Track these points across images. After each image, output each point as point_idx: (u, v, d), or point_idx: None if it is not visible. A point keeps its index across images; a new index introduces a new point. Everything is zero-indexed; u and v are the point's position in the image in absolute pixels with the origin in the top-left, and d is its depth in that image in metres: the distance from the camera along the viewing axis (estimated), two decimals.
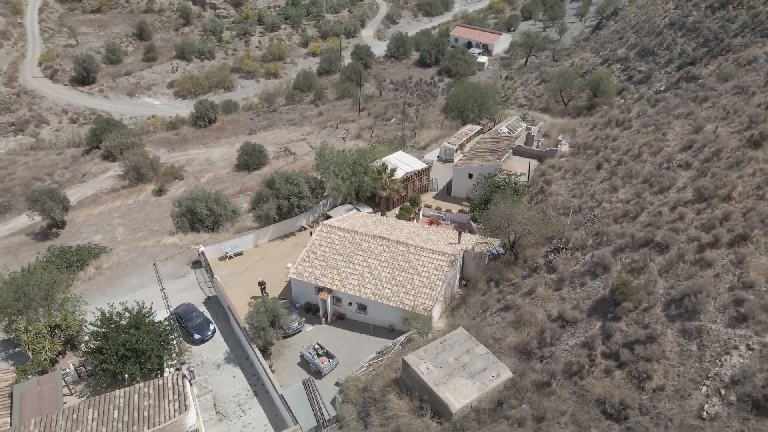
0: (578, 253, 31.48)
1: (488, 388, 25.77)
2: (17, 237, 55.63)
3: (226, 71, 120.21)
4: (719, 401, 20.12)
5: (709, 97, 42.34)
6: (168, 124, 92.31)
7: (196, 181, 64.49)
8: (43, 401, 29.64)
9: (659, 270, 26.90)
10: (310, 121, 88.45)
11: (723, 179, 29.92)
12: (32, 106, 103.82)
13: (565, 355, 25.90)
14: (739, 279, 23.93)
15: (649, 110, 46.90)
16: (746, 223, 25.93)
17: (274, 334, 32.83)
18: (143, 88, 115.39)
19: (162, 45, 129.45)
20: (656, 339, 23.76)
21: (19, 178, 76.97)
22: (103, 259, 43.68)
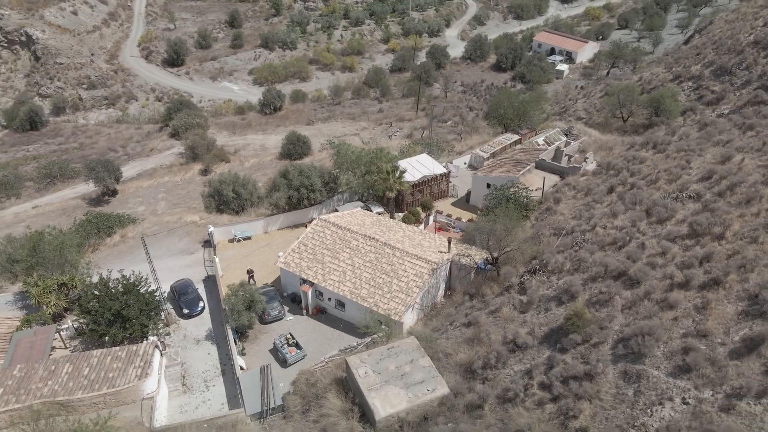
0: (554, 277, 29.94)
1: (420, 401, 25.34)
2: (75, 200, 61.08)
3: (304, 62, 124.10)
4: None
5: (755, 125, 38.46)
6: (237, 108, 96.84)
7: (241, 165, 67.48)
8: (34, 350, 32.60)
9: (623, 305, 25.17)
10: (368, 117, 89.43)
11: (722, 216, 27.29)
12: (125, 83, 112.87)
13: (506, 380, 24.97)
14: (696, 326, 21.96)
15: (693, 134, 43.26)
16: (725, 266, 23.62)
17: (248, 318, 33.99)
18: (226, 73, 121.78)
19: (249, 33, 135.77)
20: (594, 377, 22.38)
21: (98, 148, 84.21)
22: (129, 229, 47.04)
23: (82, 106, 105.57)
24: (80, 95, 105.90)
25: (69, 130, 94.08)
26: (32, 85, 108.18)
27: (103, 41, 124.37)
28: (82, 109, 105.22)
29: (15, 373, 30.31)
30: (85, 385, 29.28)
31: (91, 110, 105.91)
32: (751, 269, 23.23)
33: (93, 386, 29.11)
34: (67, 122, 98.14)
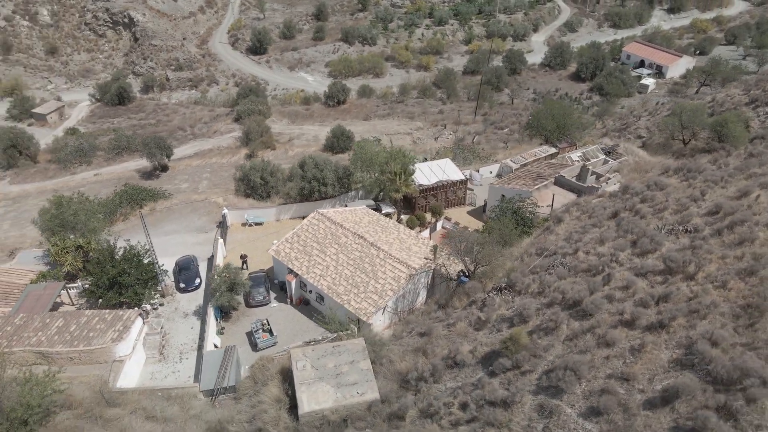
0: (518, 298, 28.69)
1: (346, 402, 25.45)
2: (131, 172, 66.04)
3: (380, 58, 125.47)
4: None
5: None
6: (303, 99, 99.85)
7: (284, 153, 69.70)
8: (39, 302, 35.91)
9: (566, 336, 23.81)
10: (427, 117, 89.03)
11: (702, 255, 24.94)
12: (209, 67, 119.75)
13: (432, 396, 24.47)
14: (623, 368, 20.45)
15: (732, 162, 39.42)
16: (677, 310, 21.72)
17: (228, 298, 35.42)
18: (303, 64, 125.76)
19: (333, 27, 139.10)
20: (511, 406, 21.50)
21: (170, 126, 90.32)
22: (159, 203, 50.22)
23: (168, 86, 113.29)
24: (167, 76, 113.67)
25: (151, 107, 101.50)
26: (129, 64, 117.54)
27: (197, 27, 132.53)
28: (168, 89, 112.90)
29: (16, 321, 33.60)
30: (67, 340, 31.92)
31: (175, 90, 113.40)
32: (703, 316, 21.15)
33: (72, 342, 31.67)
34: (151, 100, 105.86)
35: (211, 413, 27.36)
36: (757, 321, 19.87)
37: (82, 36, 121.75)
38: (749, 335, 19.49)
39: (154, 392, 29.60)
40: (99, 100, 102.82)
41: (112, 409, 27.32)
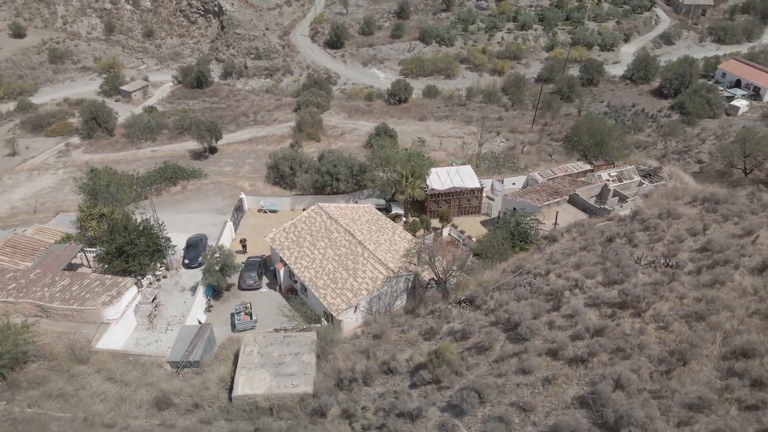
0: (474, 313, 27.88)
1: (279, 391, 26.11)
2: (183, 152, 70.28)
3: (453, 59, 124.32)
4: None
5: None
6: (367, 95, 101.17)
7: (327, 146, 71.11)
8: (56, 261, 39.39)
9: (495, 358, 23.08)
10: (484, 122, 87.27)
11: (661, 293, 23.19)
12: (287, 58, 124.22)
13: (356, 398, 24.57)
14: (528, 397, 19.64)
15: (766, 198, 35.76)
16: (603, 346, 20.48)
17: (217, 278, 37.07)
18: (377, 60, 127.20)
19: (412, 26, 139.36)
20: (416, 419, 21.32)
21: (236, 111, 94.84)
22: (191, 182, 53.20)
23: (245, 73, 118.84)
24: (246, 63, 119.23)
25: (225, 92, 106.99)
26: (213, 50, 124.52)
27: (281, 18, 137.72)
28: (245, 76, 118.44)
29: (31, 276, 37.12)
30: (65, 299, 34.85)
31: (252, 78, 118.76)
32: (627, 356, 19.76)
33: (69, 301, 34.54)
34: (226, 85, 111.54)
35: (166, 383, 28.89)
36: (675, 368, 18.27)
37: (176, 22, 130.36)
38: (662, 382, 17.98)
39: (126, 356, 31.70)
40: (180, 83, 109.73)
41: (79, 366, 29.63)
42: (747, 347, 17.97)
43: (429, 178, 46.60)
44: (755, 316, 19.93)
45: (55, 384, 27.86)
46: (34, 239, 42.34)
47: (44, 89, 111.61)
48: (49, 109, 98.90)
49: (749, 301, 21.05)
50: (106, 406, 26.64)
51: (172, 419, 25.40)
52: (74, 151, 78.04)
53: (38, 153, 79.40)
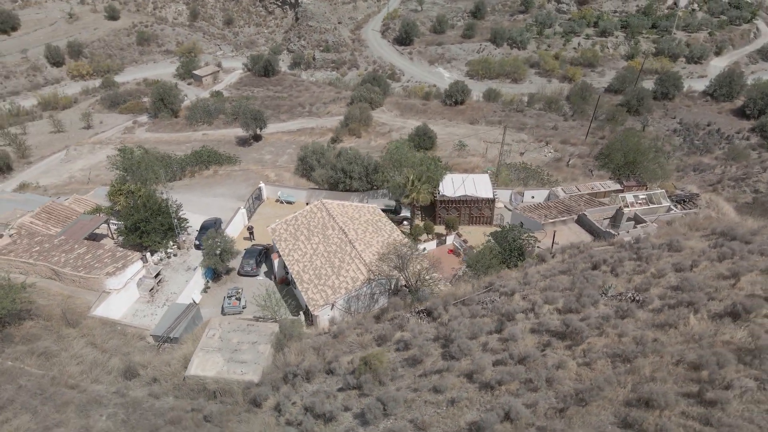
0: (426, 325, 27.67)
1: (226, 376, 27.38)
2: (230, 137, 73.56)
3: (522, 63, 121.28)
4: None
5: None
6: (424, 93, 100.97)
7: (367, 143, 71.85)
8: (81, 230, 42.80)
9: (423, 372, 23.05)
10: (536, 131, 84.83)
11: (604, 328, 22.14)
12: (354, 52, 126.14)
13: (292, 394, 25.28)
14: (428, 416, 19.62)
15: None
16: (518, 374, 20.03)
17: (215, 262, 38.91)
18: (445, 59, 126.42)
19: (485, 26, 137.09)
20: (328, 422, 21.88)
21: (294, 101, 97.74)
22: (223, 168, 55.77)
23: (313, 65, 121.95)
24: (314, 55, 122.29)
25: (289, 82, 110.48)
26: (286, 41, 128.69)
27: (355, 12, 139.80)
28: (312, 67, 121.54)
29: (55, 241, 40.64)
30: (76, 265, 37.92)
31: (318, 69, 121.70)
32: (535, 389, 19.11)
33: (78, 268, 37.55)
34: (292, 75, 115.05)
35: (139, 355, 30.88)
36: (571, 408, 17.53)
37: (255, 11, 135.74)
38: (553, 421, 17.30)
39: (114, 325, 34.11)
40: (249, 70, 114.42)
41: (69, 329, 32.27)
42: (649, 397, 16.89)
43: (442, 184, 46.24)
44: (680, 365, 18.63)
45: (43, 343, 30.53)
46: (68, 208, 46.19)
47: (129, 69, 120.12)
48: (128, 87, 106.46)
49: (685, 349, 19.65)
50: (79, 369, 28.90)
51: (128, 389, 27.22)
52: (138, 129, 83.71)
53: (108, 128, 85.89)
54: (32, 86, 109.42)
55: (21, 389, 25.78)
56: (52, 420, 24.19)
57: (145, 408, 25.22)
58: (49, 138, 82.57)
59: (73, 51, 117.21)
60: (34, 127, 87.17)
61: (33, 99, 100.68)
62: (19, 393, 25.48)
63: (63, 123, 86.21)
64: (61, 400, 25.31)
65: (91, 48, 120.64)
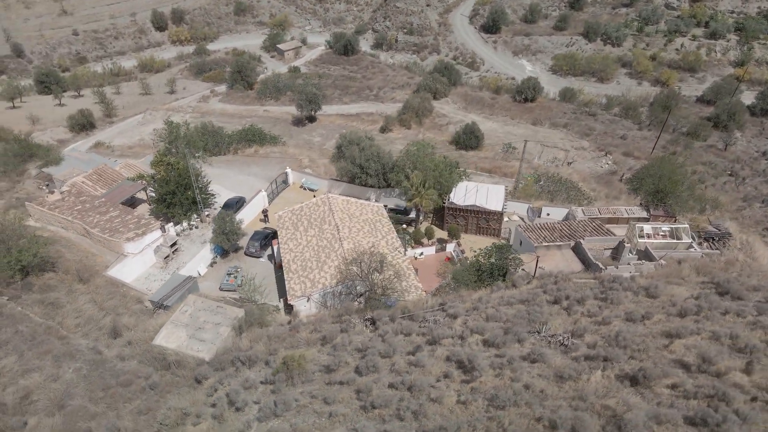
0: (371, 332, 29.04)
1: (185, 350, 30.62)
2: (288, 115, 77.00)
3: (611, 62, 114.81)
4: None
5: None
6: (495, 87, 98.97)
7: (415, 135, 72.34)
8: (119, 194, 47.84)
9: (332, 380, 24.75)
10: (602, 139, 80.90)
11: (508, 368, 22.58)
12: (438, 37, 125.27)
13: (228, 378, 27.81)
14: (297, 426, 21.40)
15: None
16: (390, 400, 21.27)
17: (221, 240, 42.27)
18: (530, 51, 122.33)
19: (581, 19, 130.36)
20: (238, 411, 24.29)
21: (364, 84, 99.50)
22: (264, 147, 59.15)
23: (395, 46, 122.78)
24: (397, 37, 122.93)
25: (365, 63, 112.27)
26: (372, 20, 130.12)
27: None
28: (393, 49, 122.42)
29: (96, 203, 45.87)
30: (105, 227, 42.81)
31: (399, 52, 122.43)
32: (401, 418, 20.14)
33: (105, 230, 42.39)
34: (370, 56, 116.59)
35: (128, 317, 34.84)
36: None
37: None
38: None
39: (121, 287, 38.46)
40: (331, 48, 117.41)
41: (80, 285, 36.94)
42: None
43: (454, 190, 46.46)
44: (540, 422, 18.83)
45: (54, 294, 35.36)
46: (116, 172, 51.55)
47: (223, 37, 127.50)
48: (217, 56, 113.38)
49: (554, 406, 19.70)
50: (75, 322, 33.32)
51: (106, 347, 31.14)
52: (213, 99, 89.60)
53: (188, 95, 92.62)
54: (137, 48, 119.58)
55: (17, 333, 30.39)
56: (32, 365, 28.49)
57: (107, 367, 28.92)
58: (136, 99, 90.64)
59: (176, 17, 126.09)
60: (127, 88, 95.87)
61: (134, 60, 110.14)
62: (14, 337, 30.08)
63: (151, 86, 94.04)
64: (45, 348, 29.60)
65: (192, 15, 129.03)
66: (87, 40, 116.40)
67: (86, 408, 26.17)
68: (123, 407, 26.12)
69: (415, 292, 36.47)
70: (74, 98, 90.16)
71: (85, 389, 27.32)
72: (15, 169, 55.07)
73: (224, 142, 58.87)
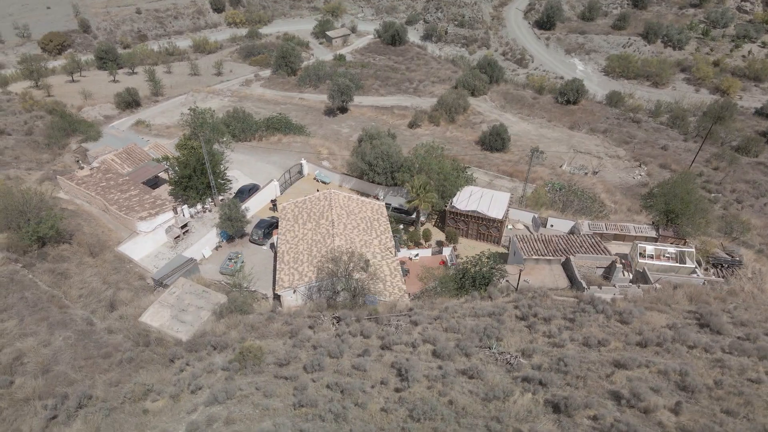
0: (335, 330, 30.16)
1: (165, 330, 32.83)
2: (321, 104, 78.50)
3: (668, 66, 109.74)
4: None
5: None
6: (538, 86, 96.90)
7: (442, 132, 72.22)
8: (143, 173, 50.74)
9: (275, 374, 26.18)
10: (640, 149, 78.10)
11: (442, 383, 23.28)
12: (489, 30, 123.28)
13: (194, 360, 29.69)
14: (227, 414, 22.92)
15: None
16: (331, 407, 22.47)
17: (227, 226, 44.35)
18: (584, 50, 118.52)
19: (643, 19, 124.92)
20: (193, 393, 26.06)
21: (406, 75, 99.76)
22: (287, 136, 60.93)
23: (444, 38, 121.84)
24: (447, 29, 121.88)
25: (411, 54, 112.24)
26: (424, 11, 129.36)
27: None
28: (443, 41, 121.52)
29: (120, 180, 48.97)
30: (122, 205, 45.75)
31: (448, 44, 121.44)
32: (323, 419, 21.24)
33: (122, 208, 45.32)
34: (418, 47, 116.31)
35: (126, 293, 37.41)
36: None
37: None
38: None
39: (128, 262, 41.23)
40: (379, 37, 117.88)
41: (89, 258, 39.89)
42: None
43: (458, 195, 46.60)
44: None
45: (65, 265, 38.41)
46: (144, 152, 54.64)
47: (277, 21, 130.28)
48: (267, 40, 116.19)
49: (469, 424, 20.25)
50: (78, 293, 36.17)
51: (98, 319, 33.74)
52: (255, 83, 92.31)
53: (233, 78, 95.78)
54: (194, 28, 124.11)
55: (22, 299, 33.42)
56: (29, 330, 31.37)
57: (93, 339, 31.43)
58: (185, 80, 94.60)
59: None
60: (178, 68, 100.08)
61: (189, 40, 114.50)
62: (19, 302, 33.11)
63: (200, 67, 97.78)
64: (43, 315, 32.45)
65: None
66: (149, 19, 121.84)
67: (67, 374, 28.68)
68: (98, 377, 28.44)
69: (398, 293, 37.27)
70: (128, 75, 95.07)
71: (70, 357, 29.87)
72: (58, 142, 59.21)
73: (251, 129, 60.99)
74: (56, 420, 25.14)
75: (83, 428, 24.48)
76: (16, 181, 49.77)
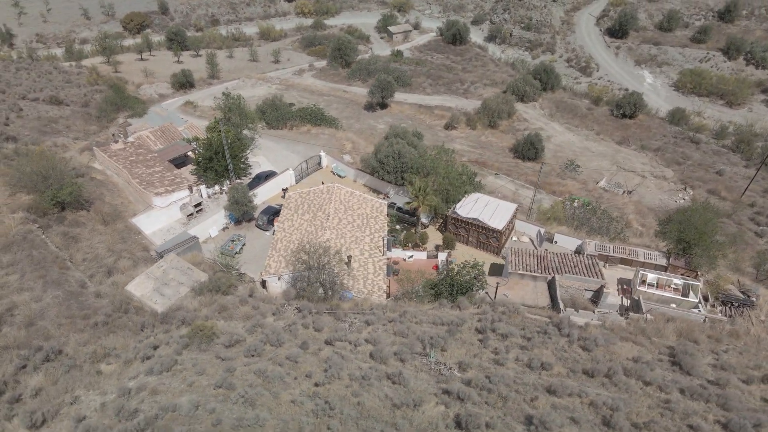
0: (291, 318, 31.06)
1: (146, 300, 34.91)
2: (362, 98, 79.32)
3: (746, 85, 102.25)
4: None
5: None
6: (595, 98, 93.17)
7: (476, 137, 71.10)
8: (171, 152, 53.68)
9: (217, 354, 27.32)
10: (691, 170, 73.61)
11: (365, 390, 23.68)
12: (556, 35, 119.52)
13: (163, 332, 31.49)
14: (162, 391, 24.29)
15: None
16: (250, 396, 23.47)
17: (235, 209, 46.24)
18: (655, 62, 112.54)
19: (726, 33, 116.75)
20: (145, 361, 27.84)
21: (459, 76, 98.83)
22: (317, 127, 62.30)
23: (508, 41, 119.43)
24: (512, 32, 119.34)
25: (471, 54, 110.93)
26: (491, 11, 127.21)
27: None
28: (507, 43, 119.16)
29: (148, 156, 52.10)
30: (144, 180, 48.71)
31: (512, 47, 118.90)
32: (236, 403, 22.16)
33: (142, 182, 48.27)
34: (479, 48, 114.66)
35: (125, 261, 39.94)
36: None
37: None
38: None
39: (136, 234, 43.94)
40: (441, 35, 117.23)
41: (102, 226, 42.89)
42: None
43: (463, 201, 46.10)
44: None
45: (78, 230, 41.54)
46: (178, 131, 57.69)
47: (344, 13, 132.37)
48: (330, 32, 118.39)
49: (368, 427, 20.47)
50: (82, 257, 39.09)
51: (93, 283, 36.36)
52: (307, 73, 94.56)
53: (289, 66, 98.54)
54: (264, 15, 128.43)
55: (29, 257, 36.59)
56: (27, 285, 34.35)
57: (81, 300, 33.97)
58: (243, 65, 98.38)
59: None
60: (240, 53, 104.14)
61: (255, 27, 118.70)
62: (25, 259, 36.28)
63: (259, 54, 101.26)
64: (42, 273, 35.40)
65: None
66: (222, 4, 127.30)
67: (47, 329, 31.24)
68: (72, 336, 30.80)
69: (377, 292, 37.62)
70: (192, 57, 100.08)
71: (55, 314, 32.48)
72: (108, 116, 63.61)
73: (284, 118, 62.83)
74: (24, 370, 27.54)
75: (44, 380, 26.69)
76: (61, 149, 54.15)
